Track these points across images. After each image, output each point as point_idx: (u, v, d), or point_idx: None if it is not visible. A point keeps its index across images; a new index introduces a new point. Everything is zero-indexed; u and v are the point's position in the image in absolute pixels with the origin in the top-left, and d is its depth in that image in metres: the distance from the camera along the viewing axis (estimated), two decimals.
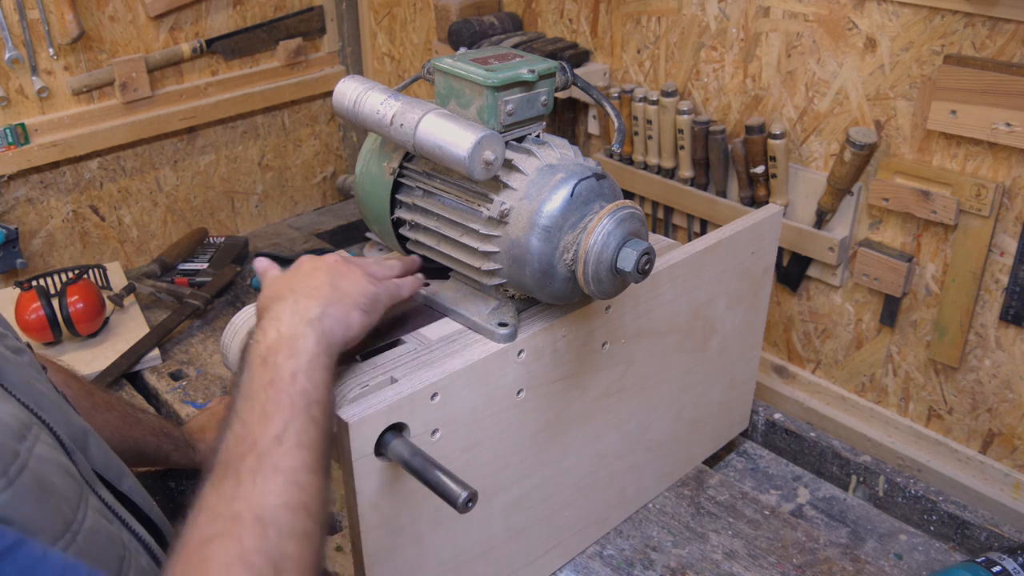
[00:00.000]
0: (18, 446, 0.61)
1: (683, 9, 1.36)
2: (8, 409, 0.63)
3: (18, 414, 0.64)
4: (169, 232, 1.87)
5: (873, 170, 1.20)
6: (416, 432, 0.82)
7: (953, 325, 1.17)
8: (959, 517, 1.17)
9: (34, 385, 0.73)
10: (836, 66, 1.20)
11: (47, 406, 0.72)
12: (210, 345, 1.51)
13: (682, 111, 1.35)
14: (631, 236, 0.82)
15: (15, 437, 0.62)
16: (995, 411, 1.18)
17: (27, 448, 0.62)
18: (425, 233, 0.96)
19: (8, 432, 0.61)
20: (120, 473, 0.80)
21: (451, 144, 0.81)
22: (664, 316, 1.06)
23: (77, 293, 1.42)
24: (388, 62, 1.99)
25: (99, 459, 0.77)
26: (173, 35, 1.74)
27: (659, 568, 1.08)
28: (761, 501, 1.19)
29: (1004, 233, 1.10)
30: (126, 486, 0.80)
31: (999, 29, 1.03)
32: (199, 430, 1.21)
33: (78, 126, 1.63)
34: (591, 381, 1.00)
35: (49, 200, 1.66)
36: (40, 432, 0.66)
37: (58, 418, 0.73)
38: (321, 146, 2.08)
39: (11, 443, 0.61)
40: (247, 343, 0.74)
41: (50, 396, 0.75)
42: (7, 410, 0.63)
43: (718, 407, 1.25)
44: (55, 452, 0.66)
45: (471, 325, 0.93)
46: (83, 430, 0.77)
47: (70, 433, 0.74)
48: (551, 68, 0.88)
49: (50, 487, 0.63)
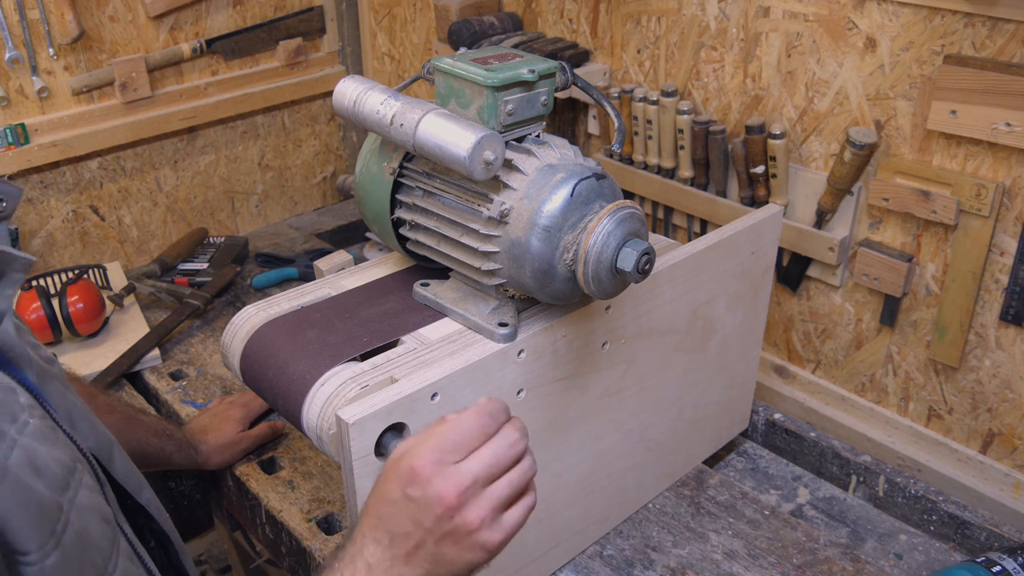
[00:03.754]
0: (62, 499, 0.60)
1: (683, 9, 1.36)
2: (55, 454, 0.62)
3: (63, 458, 0.63)
4: (169, 232, 1.87)
5: (873, 170, 1.20)
6: (416, 432, 0.82)
7: (953, 325, 1.17)
8: (959, 517, 1.17)
9: (67, 397, 0.72)
10: (836, 66, 1.20)
11: (78, 420, 0.72)
12: (210, 345, 1.51)
13: (682, 111, 1.35)
14: (631, 236, 0.82)
15: (60, 488, 0.61)
16: (995, 411, 1.18)
17: (69, 499, 0.61)
18: (425, 233, 0.96)
19: (55, 484, 0.60)
20: (139, 485, 0.80)
21: (451, 144, 0.81)
22: (664, 316, 1.06)
23: (77, 293, 1.42)
24: (388, 62, 1.99)
25: (121, 471, 0.77)
26: (173, 35, 1.74)
27: (659, 568, 1.08)
28: (761, 501, 1.19)
29: (1004, 233, 1.10)
30: (144, 498, 0.80)
31: (999, 29, 1.03)
32: (201, 431, 1.22)
33: (78, 126, 1.63)
34: (591, 381, 1.00)
35: (49, 200, 1.66)
36: (83, 472, 0.65)
37: (87, 431, 0.72)
38: (321, 146, 2.08)
39: (56, 497, 0.60)
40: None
41: (80, 407, 0.74)
42: (54, 455, 0.61)
43: (718, 407, 1.25)
44: (93, 495, 0.65)
45: (471, 325, 0.93)
46: (109, 442, 0.76)
47: (98, 446, 0.73)
48: (551, 68, 0.88)
49: (88, 539, 0.62)
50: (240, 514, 1.27)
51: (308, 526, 1.12)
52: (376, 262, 1.11)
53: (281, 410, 0.92)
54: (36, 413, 0.62)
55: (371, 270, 1.09)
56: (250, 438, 1.23)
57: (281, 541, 1.15)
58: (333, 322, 0.97)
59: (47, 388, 0.68)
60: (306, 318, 0.99)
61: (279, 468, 1.24)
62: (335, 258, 1.54)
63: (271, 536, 1.18)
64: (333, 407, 0.84)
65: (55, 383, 0.71)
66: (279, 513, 1.14)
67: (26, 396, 0.62)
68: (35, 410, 0.62)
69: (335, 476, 1.21)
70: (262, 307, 1.01)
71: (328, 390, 0.86)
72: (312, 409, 0.87)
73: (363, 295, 1.03)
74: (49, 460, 0.60)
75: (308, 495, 1.17)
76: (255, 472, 1.22)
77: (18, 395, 0.61)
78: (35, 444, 0.59)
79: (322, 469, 1.22)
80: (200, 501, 1.35)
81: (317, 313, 0.99)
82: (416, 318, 0.96)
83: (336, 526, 1.13)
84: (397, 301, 1.01)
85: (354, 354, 0.91)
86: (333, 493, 1.18)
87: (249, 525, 1.25)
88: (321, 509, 1.15)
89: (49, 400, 0.67)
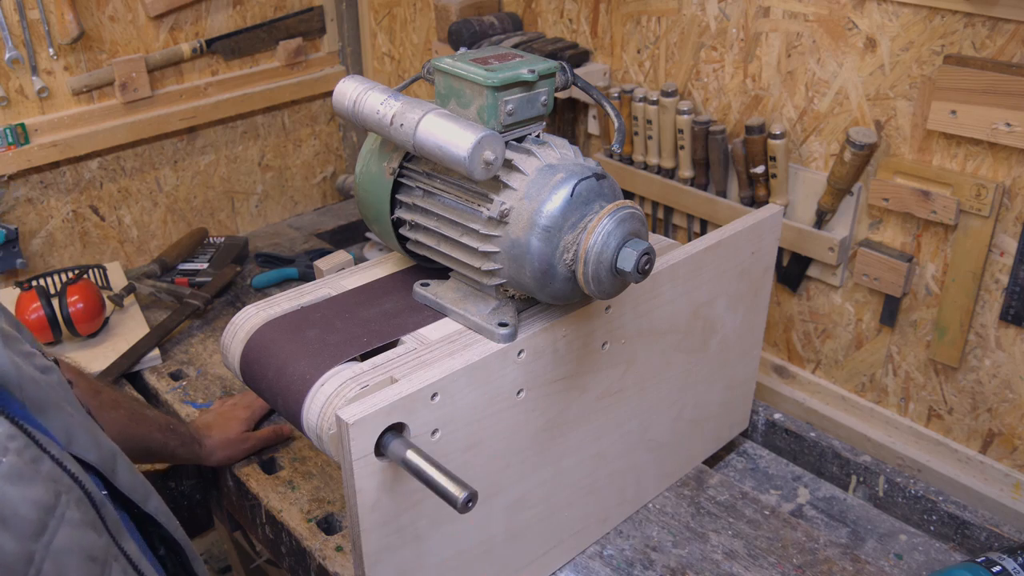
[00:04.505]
0: (34, 547, 0.57)
1: (683, 9, 1.36)
2: (30, 494, 0.58)
3: (41, 497, 0.59)
4: (169, 232, 1.87)
5: (873, 170, 1.20)
6: (416, 432, 0.82)
7: (953, 325, 1.17)
8: (959, 517, 1.17)
9: (64, 409, 0.69)
10: (836, 66, 1.20)
11: (78, 434, 0.69)
12: (210, 345, 1.51)
13: (682, 111, 1.35)
14: (631, 236, 0.82)
15: (32, 535, 0.58)
16: (995, 411, 1.18)
17: (44, 545, 0.58)
18: (425, 233, 0.96)
19: (25, 532, 0.57)
20: (146, 494, 0.78)
21: (451, 144, 0.81)
22: (664, 316, 1.06)
23: (77, 293, 1.42)
24: (388, 62, 1.99)
25: (126, 482, 0.75)
26: (173, 35, 1.74)
27: (659, 568, 1.08)
28: (761, 501, 1.19)
29: (1004, 233, 1.10)
30: (151, 507, 0.78)
31: (999, 29, 1.03)
32: (205, 427, 1.22)
33: (78, 126, 1.63)
34: (591, 381, 1.00)
35: (49, 200, 1.66)
36: (67, 507, 0.61)
37: (89, 445, 0.70)
38: (321, 146, 2.08)
39: (28, 547, 0.57)
40: None
41: (79, 420, 0.71)
42: (29, 496, 0.58)
43: (718, 407, 1.25)
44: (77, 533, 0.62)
45: (471, 325, 0.93)
46: (112, 453, 0.74)
47: (100, 458, 0.71)
48: (551, 68, 0.88)
49: None
50: (240, 514, 1.27)
51: (308, 526, 1.12)
52: (376, 262, 1.11)
53: (281, 410, 0.92)
54: (14, 446, 0.59)
55: (371, 270, 1.09)
56: (255, 439, 1.23)
57: (281, 541, 1.15)
58: (333, 322, 0.97)
59: (39, 408, 0.65)
60: (306, 318, 0.98)
61: (279, 468, 1.24)
62: (335, 258, 1.54)
63: (271, 536, 1.18)
64: (333, 407, 0.84)
65: (51, 397, 0.67)
66: (279, 513, 1.14)
67: (6, 426, 0.59)
68: (14, 441, 0.59)
69: (335, 476, 1.21)
70: (262, 307, 1.01)
71: (328, 390, 0.86)
72: (312, 409, 0.87)
73: (363, 295, 1.03)
74: (20, 504, 0.57)
75: (308, 495, 1.17)
76: (255, 472, 1.22)
77: None
78: (5, 487, 0.56)
79: (322, 469, 1.22)
80: (200, 501, 1.35)
81: (317, 313, 0.99)
82: (416, 318, 0.96)
83: (336, 526, 1.13)
84: (397, 301, 1.01)
85: (354, 354, 0.91)
86: (333, 493, 1.18)
87: (249, 525, 1.25)
88: (321, 509, 1.15)
89: (40, 422, 0.64)
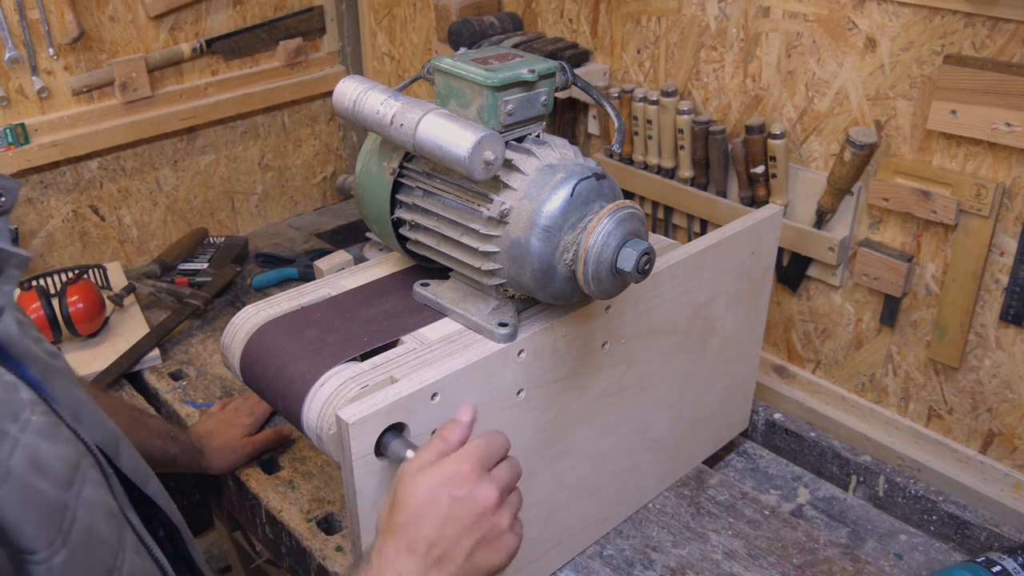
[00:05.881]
0: (67, 496, 0.60)
1: (683, 9, 1.36)
2: (59, 450, 0.61)
3: (67, 455, 0.62)
4: (169, 232, 1.87)
5: (873, 170, 1.20)
6: (416, 432, 0.82)
7: (953, 325, 1.17)
8: (959, 517, 1.17)
9: (72, 391, 0.72)
10: (836, 66, 1.20)
11: (85, 416, 0.71)
12: (210, 345, 1.51)
13: (682, 111, 1.35)
14: (631, 236, 0.82)
15: (64, 485, 0.61)
16: (995, 411, 1.18)
17: (75, 496, 0.61)
18: (425, 233, 0.96)
19: (59, 481, 0.60)
20: (146, 477, 0.81)
21: (451, 144, 0.81)
22: (664, 316, 1.06)
23: (77, 293, 1.42)
24: (388, 62, 1.99)
25: (128, 464, 0.77)
26: (173, 35, 1.74)
27: (659, 568, 1.08)
28: (761, 501, 1.19)
29: (1004, 233, 1.10)
30: (151, 489, 0.81)
31: (999, 29, 1.03)
32: (206, 435, 1.21)
33: (78, 126, 1.63)
34: (591, 381, 1.00)
35: (49, 200, 1.66)
36: (88, 468, 0.65)
37: (94, 426, 0.72)
38: (321, 146, 2.08)
39: (62, 495, 0.60)
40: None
41: (85, 402, 0.73)
42: (58, 452, 0.61)
43: (718, 407, 1.25)
44: (99, 491, 0.65)
45: (471, 325, 0.93)
46: (115, 436, 0.76)
47: (104, 440, 0.73)
48: (551, 68, 0.88)
49: (95, 535, 0.62)
50: (240, 514, 1.27)
51: (308, 526, 1.12)
52: (376, 262, 1.11)
53: (281, 410, 0.92)
54: (39, 409, 0.62)
55: (371, 270, 1.09)
56: (255, 443, 1.23)
57: (281, 541, 1.15)
58: (333, 322, 0.97)
59: (51, 383, 0.68)
60: (306, 318, 0.98)
61: (279, 468, 1.24)
62: (335, 258, 1.54)
63: (271, 536, 1.18)
64: (333, 407, 0.84)
65: (60, 378, 0.70)
66: (279, 513, 1.14)
67: (28, 392, 0.62)
68: (38, 406, 0.62)
69: (335, 476, 1.21)
70: (262, 307, 1.01)
71: (328, 390, 0.86)
72: (312, 409, 0.87)
73: (363, 295, 1.03)
74: (53, 457, 0.60)
75: (308, 495, 1.17)
76: (255, 472, 1.22)
77: (20, 392, 0.61)
78: (38, 441, 0.59)
79: (322, 469, 1.22)
80: (200, 501, 1.35)
81: (317, 313, 0.99)
82: (416, 318, 0.96)
83: (336, 526, 1.13)
84: (397, 301, 1.01)
85: (354, 354, 0.91)
86: (333, 493, 1.18)
87: (249, 525, 1.25)
88: (321, 509, 1.15)
89: (53, 395, 0.67)
